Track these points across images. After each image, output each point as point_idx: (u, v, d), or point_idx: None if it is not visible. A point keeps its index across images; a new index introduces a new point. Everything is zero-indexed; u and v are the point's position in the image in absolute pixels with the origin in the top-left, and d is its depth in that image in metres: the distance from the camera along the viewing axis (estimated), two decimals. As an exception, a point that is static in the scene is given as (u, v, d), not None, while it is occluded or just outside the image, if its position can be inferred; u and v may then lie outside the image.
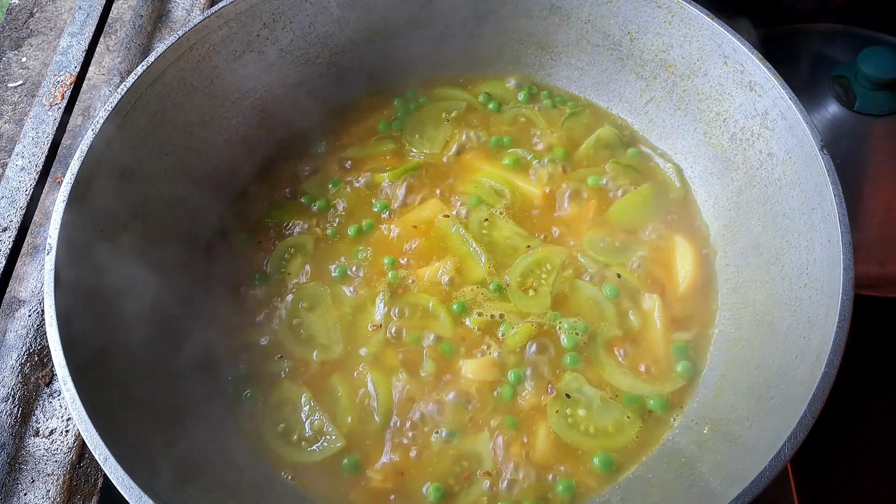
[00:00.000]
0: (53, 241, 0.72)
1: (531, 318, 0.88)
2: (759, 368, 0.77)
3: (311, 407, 0.83)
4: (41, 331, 0.85)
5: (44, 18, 1.20)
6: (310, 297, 0.91)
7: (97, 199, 0.78)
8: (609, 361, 0.85)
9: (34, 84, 1.11)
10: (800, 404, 0.64)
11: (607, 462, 0.79)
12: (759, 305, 0.83)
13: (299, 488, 0.80)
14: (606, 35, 1.00)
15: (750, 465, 0.64)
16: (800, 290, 0.76)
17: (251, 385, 0.86)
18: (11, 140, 1.05)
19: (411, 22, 1.03)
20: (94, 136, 0.78)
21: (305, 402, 0.84)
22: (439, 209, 0.97)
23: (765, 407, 0.72)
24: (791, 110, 0.80)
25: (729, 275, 0.90)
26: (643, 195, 0.97)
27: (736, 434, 0.73)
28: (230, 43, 0.92)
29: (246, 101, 0.99)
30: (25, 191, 0.90)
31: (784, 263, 0.80)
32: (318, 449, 0.81)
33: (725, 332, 0.87)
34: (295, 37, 0.98)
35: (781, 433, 0.63)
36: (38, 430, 0.80)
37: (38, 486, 0.77)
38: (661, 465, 0.79)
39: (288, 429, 0.83)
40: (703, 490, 0.70)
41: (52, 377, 0.83)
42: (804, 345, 0.71)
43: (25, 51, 1.16)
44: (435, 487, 0.78)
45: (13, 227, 0.87)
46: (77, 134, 1.02)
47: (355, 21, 1.01)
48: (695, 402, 0.83)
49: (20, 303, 0.88)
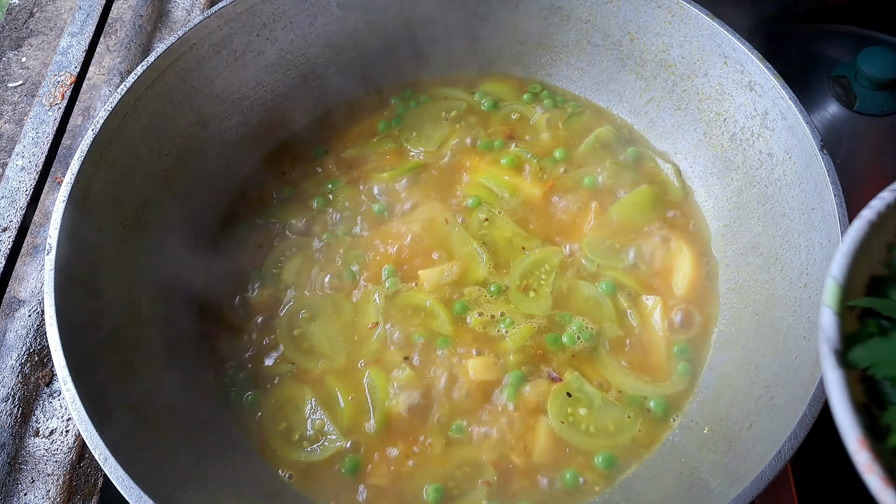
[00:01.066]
0: (53, 242, 0.72)
1: (534, 319, 0.88)
2: (759, 369, 0.77)
3: (313, 406, 0.83)
4: (41, 331, 0.85)
5: (44, 18, 1.20)
6: (310, 306, 0.90)
7: (97, 200, 0.78)
8: (610, 361, 0.85)
9: (34, 84, 1.11)
10: (800, 404, 0.64)
11: (610, 461, 0.79)
12: (759, 306, 0.83)
13: (298, 487, 0.80)
14: (606, 35, 1.00)
15: (750, 465, 0.64)
16: (800, 290, 0.76)
17: (252, 387, 0.85)
18: (11, 140, 1.05)
19: (411, 22, 1.03)
20: (94, 136, 0.78)
21: (307, 402, 0.84)
22: (439, 209, 0.97)
23: (764, 407, 0.72)
24: (791, 110, 0.80)
25: (729, 275, 0.90)
26: (643, 195, 0.97)
27: (736, 434, 0.73)
28: (230, 43, 0.92)
29: (246, 101, 0.99)
30: (25, 191, 0.90)
31: (784, 263, 0.80)
32: (318, 449, 0.81)
33: (725, 332, 0.87)
34: (295, 37, 0.98)
35: (781, 433, 0.63)
36: (38, 430, 0.80)
37: (38, 487, 0.77)
38: (662, 465, 0.79)
39: (289, 428, 0.83)
40: (702, 490, 0.70)
41: (52, 377, 0.83)
42: (804, 345, 0.71)
43: (25, 51, 1.16)
44: (434, 488, 0.78)
45: (13, 227, 0.87)
46: (77, 134, 1.02)
47: (355, 21, 1.01)
48: (695, 402, 0.83)
49: (20, 303, 0.88)
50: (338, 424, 0.82)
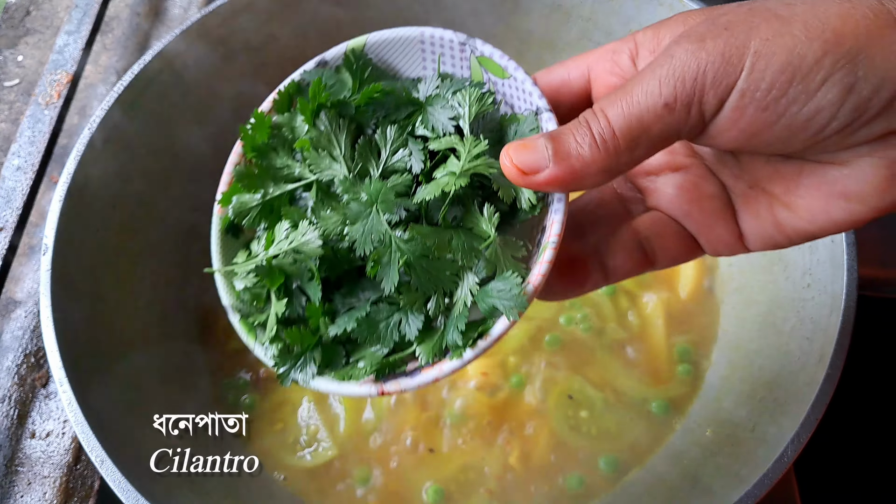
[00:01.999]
0: (49, 242, 0.71)
1: (533, 320, 0.87)
2: (762, 370, 0.77)
3: (310, 410, 0.83)
4: (37, 332, 0.85)
5: (40, 17, 1.19)
6: None
7: (94, 199, 0.78)
8: (612, 363, 0.85)
9: (30, 83, 1.11)
10: (803, 406, 0.64)
11: (613, 463, 0.79)
12: (762, 306, 0.82)
13: (292, 489, 0.79)
14: (608, 33, 0.99)
15: (753, 467, 0.64)
16: (803, 290, 0.76)
17: (250, 391, 0.85)
18: (7, 139, 1.05)
19: (410, 20, 1.02)
20: (90, 134, 0.77)
21: (304, 405, 0.83)
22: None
23: (767, 409, 0.72)
24: (794, 109, 0.79)
25: (731, 275, 0.90)
26: (644, 195, 0.96)
27: (738, 436, 0.73)
28: (228, 40, 0.91)
29: (244, 98, 0.98)
30: (21, 190, 0.89)
31: (787, 264, 0.80)
32: (309, 455, 0.80)
33: (728, 333, 0.86)
34: (293, 34, 0.97)
35: (784, 435, 0.63)
36: (35, 432, 0.80)
37: (34, 489, 0.76)
38: (664, 468, 0.78)
39: (285, 429, 0.82)
40: (705, 493, 0.70)
41: (49, 379, 0.83)
42: (807, 346, 0.71)
43: (21, 49, 1.15)
44: (434, 489, 0.78)
45: (9, 227, 0.86)
46: (73, 133, 1.01)
47: (353, 19, 1.00)
48: (697, 404, 0.83)
49: (16, 304, 0.87)
50: (333, 429, 0.81)
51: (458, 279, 0.43)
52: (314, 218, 0.46)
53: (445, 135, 0.47)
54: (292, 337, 0.45)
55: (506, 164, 0.41)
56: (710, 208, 0.46)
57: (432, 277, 0.43)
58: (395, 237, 0.43)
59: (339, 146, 0.48)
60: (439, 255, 0.43)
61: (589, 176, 0.40)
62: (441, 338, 0.43)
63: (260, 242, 0.49)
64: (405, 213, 0.45)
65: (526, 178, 0.41)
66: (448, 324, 0.43)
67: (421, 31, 0.52)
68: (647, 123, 0.38)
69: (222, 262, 0.52)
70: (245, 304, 0.50)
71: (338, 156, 0.48)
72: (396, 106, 0.50)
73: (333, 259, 0.45)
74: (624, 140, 0.39)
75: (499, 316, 0.42)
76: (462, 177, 0.43)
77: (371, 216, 0.44)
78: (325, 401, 0.83)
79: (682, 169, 0.48)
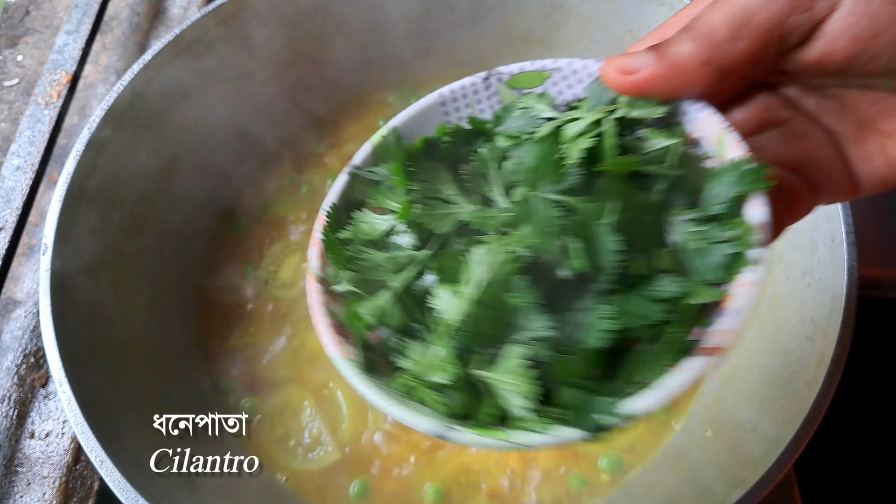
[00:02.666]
0: (49, 242, 0.71)
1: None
2: (762, 371, 0.77)
3: (311, 413, 0.83)
4: (37, 332, 0.85)
5: (40, 16, 1.19)
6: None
7: (93, 199, 0.77)
8: (611, 363, 0.85)
9: (30, 82, 1.11)
10: (803, 406, 0.63)
11: (615, 463, 0.78)
12: (763, 306, 0.82)
13: (294, 490, 0.79)
14: (608, 32, 0.99)
15: (753, 468, 0.63)
16: (803, 290, 0.76)
17: (251, 393, 0.85)
18: (7, 139, 1.04)
19: (410, 19, 1.02)
20: (90, 134, 0.77)
21: (306, 408, 0.83)
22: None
23: (767, 409, 0.71)
24: (794, 109, 0.79)
25: (731, 275, 0.89)
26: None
27: (738, 437, 0.73)
28: (227, 40, 0.91)
29: (244, 98, 0.98)
30: (21, 190, 0.89)
31: (787, 263, 0.80)
32: (313, 458, 0.80)
33: (728, 333, 0.86)
34: (293, 34, 0.97)
35: (784, 436, 0.63)
36: (34, 432, 0.80)
37: (33, 489, 0.76)
38: (664, 469, 0.78)
39: (286, 433, 0.82)
40: (705, 493, 0.70)
41: (48, 379, 0.83)
42: (807, 346, 0.71)
43: (21, 49, 1.15)
44: (434, 490, 0.77)
45: (9, 227, 0.86)
46: (73, 133, 1.01)
47: (353, 18, 1.00)
48: (697, 404, 0.83)
49: (16, 304, 0.87)
50: (336, 431, 0.81)
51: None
52: (497, 250, 0.40)
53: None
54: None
55: (605, 69, 0.40)
56: (821, 156, 0.43)
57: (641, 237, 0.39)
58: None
59: (486, 178, 0.46)
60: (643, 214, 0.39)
61: (690, 69, 0.37)
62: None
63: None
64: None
65: (625, 79, 0.39)
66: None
67: (438, 93, 0.51)
68: (751, 11, 0.36)
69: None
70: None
71: (489, 186, 0.46)
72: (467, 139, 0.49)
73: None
74: (727, 27, 0.37)
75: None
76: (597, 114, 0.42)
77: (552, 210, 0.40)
78: (327, 403, 0.83)
79: (783, 123, 0.45)
